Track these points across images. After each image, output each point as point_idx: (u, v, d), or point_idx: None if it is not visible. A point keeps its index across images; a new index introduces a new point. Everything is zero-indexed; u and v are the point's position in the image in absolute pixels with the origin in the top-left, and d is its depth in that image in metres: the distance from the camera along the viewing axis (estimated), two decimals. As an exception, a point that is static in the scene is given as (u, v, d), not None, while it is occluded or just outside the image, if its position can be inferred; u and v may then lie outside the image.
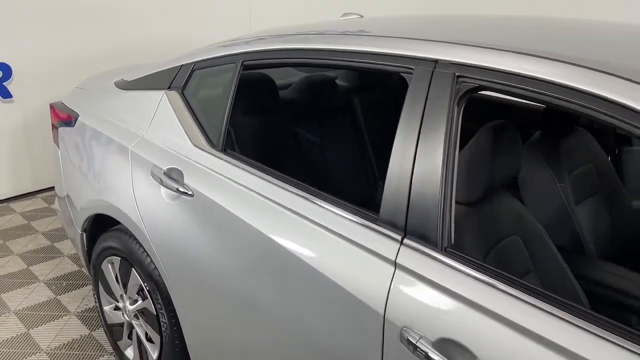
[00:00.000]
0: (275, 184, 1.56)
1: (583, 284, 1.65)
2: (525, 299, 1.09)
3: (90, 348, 2.41)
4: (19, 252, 3.22)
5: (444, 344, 1.14)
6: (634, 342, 0.95)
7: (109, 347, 2.39)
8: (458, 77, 1.26)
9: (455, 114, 1.26)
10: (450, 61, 1.29)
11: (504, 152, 1.48)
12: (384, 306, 1.24)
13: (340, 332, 1.34)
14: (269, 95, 2.10)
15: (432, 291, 1.19)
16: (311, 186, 1.51)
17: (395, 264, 1.26)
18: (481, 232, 1.49)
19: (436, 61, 1.31)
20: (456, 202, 1.43)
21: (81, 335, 2.50)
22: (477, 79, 1.24)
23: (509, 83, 1.20)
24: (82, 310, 2.68)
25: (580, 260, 1.87)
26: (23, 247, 3.28)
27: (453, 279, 1.18)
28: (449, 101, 1.26)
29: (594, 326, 1.00)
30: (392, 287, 1.25)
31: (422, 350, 1.15)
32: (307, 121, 2.25)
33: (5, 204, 3.88)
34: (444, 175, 1.24)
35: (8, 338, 2.46)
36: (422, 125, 1.29)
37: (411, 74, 1.34)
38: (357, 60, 1.46)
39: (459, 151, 1.44)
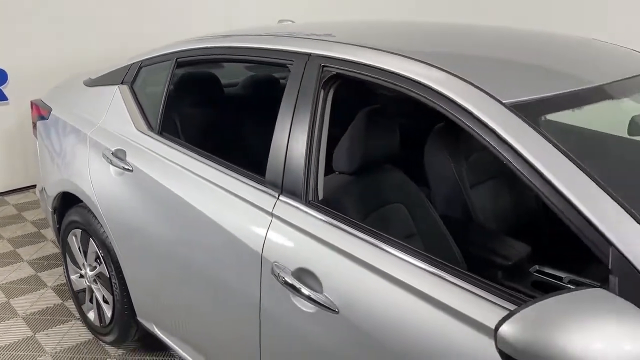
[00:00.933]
0: (196, 159, 1.89)
1: (463, 247, 1.95)
2: (363, 237, 1.40)
3: (61, 314, 2.74)
4: (8, 237, 3.57)
5: (300, 272, 1.46)
6: (490, 293, 1.17)
7: (77, 314, 2.72)
8: (323, 66, 1.59)
9: (321, 96, 1.58)
10: (318, 54, 1.61)
11: (377, 133, 1.79)
12: (262, 246, 1.56)
13: (235, 268, 1.66)
14: (199, 87, 2.44)
15: (296, 233, 1.51)
16: (225, 160, 1.84)
17: (272, 214, 1.58)
18: (362, 197, 1.80)
19: (309, 54, 1.64)
20: (339, 172, 1.76)
21: (54, 304, 2.83)
22: (337, 68, 1.56)
23: (358, 71, 1.52)
24: (58, 285, 3.01)
25: (467, 229, 2.17)
26: (12, 233, 3.63)
27: (311, 224, 1.49)
28: (315, 85, 1.58)
29: (428, 264, 1.27)
30: (268, 231, 1.56)
31: (283, 277, 1.47)
32: (234, 111, 2.57)
33: (1, 197, 4.25)
34: (309, 145, 1.56)
35: (-11, 306, 2.80)
36: (297, 105, 1.61)
37: (292, 64, 1.67)
38: (256, 55, 1.80)
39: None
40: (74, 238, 2.49)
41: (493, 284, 1.18)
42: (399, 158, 1.96)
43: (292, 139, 1.59)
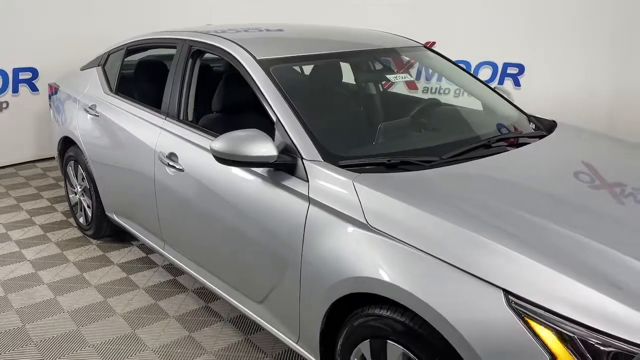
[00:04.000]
0: (133, 105, 3.18)
1: None
2: (201, 134, 2.63)
3: (64, 225, 4.07)
4: (35, 185, 4.96)
5: (170, 155, 2.71)
6: None
7: (74, 223, 4.04)
8: (191, 46, 2.85)
9: (189, 62, 2.84)
10: (190, 40, 2.88)
11: (233, 88, 3.02)
12: (155, 145, 2.82)
13: (143, 160, 2.91)
14: (140, 66, 3.73)
15: (171, 136, 2.76)
16: (147, 104, 3.11)
17: (161, 128, 2.84)
18: (228, 127, 3.02)
19: (185, 39, 2.91)
20: (215, 111, 3.00)
21: (61, 220, 4.17)
22: (195, 47, 2.83)
23: (203, 47, 2.78)
24: (65, 211, 4.35)
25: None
26: (38, 184, 5.02)
27: (178, 130, 2.74)
28: (187, 56, 2.85)
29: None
30: (159, 137, 2.83)
31: (162, 159, 2.73)
32: (162, 79, 3.79)
33: (32, 163, 5.67)
34: (181, 89, 2.82)
35: (15, 220, 4.15)
36: (177, 67, 2.88)
37: (177, 45, 2.94)
38: (162, 42, 3.11)
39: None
40: (70, 168, 3.83)
41: None
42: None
43: (173, 86, 2.87)
